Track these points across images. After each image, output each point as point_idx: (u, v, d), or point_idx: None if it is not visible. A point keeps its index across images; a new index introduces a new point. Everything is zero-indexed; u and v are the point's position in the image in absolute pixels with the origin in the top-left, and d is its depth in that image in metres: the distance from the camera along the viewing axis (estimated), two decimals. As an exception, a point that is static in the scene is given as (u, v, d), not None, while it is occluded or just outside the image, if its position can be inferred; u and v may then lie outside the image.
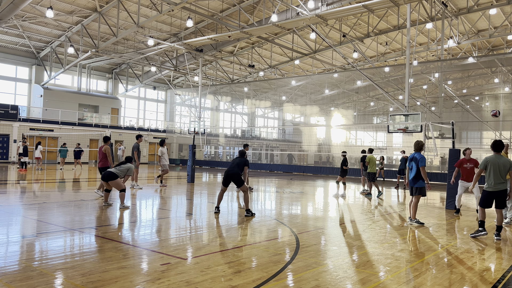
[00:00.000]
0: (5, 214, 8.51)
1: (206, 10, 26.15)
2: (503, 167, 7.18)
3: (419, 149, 8.75)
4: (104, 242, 6.34)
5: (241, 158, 9.77)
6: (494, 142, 7.33)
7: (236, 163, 9.59)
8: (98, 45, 27.25)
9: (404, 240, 7.32)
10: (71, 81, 35.58)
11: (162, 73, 37.27)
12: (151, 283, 4.45)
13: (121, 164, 10.01)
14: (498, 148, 7.30)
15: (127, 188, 12.00)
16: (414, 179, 8.65)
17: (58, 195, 12.13)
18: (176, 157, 40.41)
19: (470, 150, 10.49)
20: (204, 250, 6.00)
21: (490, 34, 26.86)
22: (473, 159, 10.39)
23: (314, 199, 13.94)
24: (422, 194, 8.70)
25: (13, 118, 29.31)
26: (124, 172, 9.87)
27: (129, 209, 9.68)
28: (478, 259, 6.09)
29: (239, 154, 9.96)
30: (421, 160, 8.52)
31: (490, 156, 7.32)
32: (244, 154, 10.15)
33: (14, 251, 5.70)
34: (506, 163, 7.23)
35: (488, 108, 32.56)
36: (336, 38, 31.19)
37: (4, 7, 21.77)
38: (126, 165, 9.99)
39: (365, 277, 4.95)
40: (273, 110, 47.50)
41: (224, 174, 9.52)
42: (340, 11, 19.56)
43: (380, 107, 41.79)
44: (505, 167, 7.19)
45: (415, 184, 8.67)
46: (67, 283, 4.39)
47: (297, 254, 5.88)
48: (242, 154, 9.95)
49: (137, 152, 14.66)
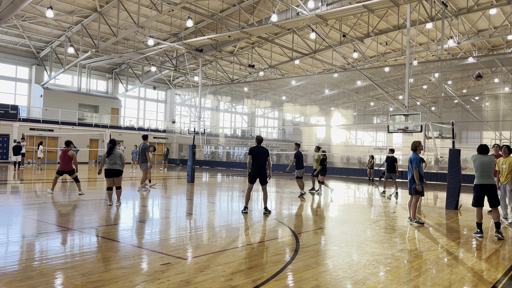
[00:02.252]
0: (5, 214, 8.51)
1: (206, 10, 26.15)
2: (488, 164, 7.72)
3: (414, 149, 8.86)
4: (104, 242, 6.34)
5: (263, 148, 9.35)
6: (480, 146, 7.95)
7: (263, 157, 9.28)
8: (98, 45, 27.25)
9: (404, 240, 7.32)
10: (71, 81, 35.59)
11: (162, 73, 37.27)
12: (151, 283, 4.45)
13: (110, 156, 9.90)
14: (483, 152, 7.88)
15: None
16: (412, 179, 8.76)
17: (59, 195, 12.14)
18: (176, 157, 40.41)
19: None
20: (204, 250, 6.00)
21: (490, 34, 26.86)
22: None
23: (314, 199, 13.93)
24: (420, 194, 8.77)
25: (13, 118, 29.31)
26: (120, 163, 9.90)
27: (126, 208, 9.68)
28: (478, 259, 6.09)
29: (258, 142, 9.41)
30: (414, 161, 8.62)
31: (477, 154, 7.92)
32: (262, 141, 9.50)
33: (14, 251, 5.70)
34: (491, 161, 7.79)
35: (488, 108, 32.57)
36: (336, 38, 31.19)
37: (4, 7, 21.76)
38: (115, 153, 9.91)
39: (365, 277, 4.95)
40: (273, 110, 47.50)
41: (256, 171, 9.26)
42: (340, 11, 19.56)
43: (380, 107, 41.79)
44: (490, 164, 7.74)
45: (412, 184, 8.78)
46: (67, 283, 4.39)
47: (297, 254, 5.88)
48: (261, 141, 9.46)
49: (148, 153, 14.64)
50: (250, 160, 9.34)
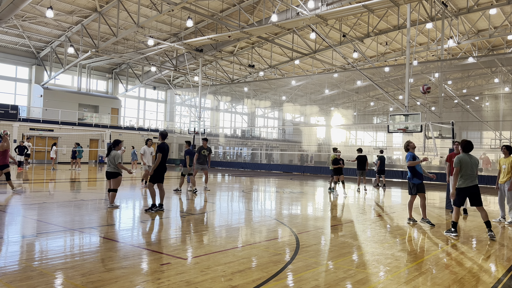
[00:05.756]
0: (5, 214, 8.51)
1: (206, 10, 26.16)
2: (474, 165, 7.54)
3: (406, 150, 9.07)
4: (104, 242, 6.34)
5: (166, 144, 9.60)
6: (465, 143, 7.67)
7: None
8: (98, 45, 27.25)
9: (404, 240, 7.32)
10: (71, 81, 35.59)
11: (162, 73, 37.27)
12: (151, 283, 4.45)
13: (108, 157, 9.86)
14: (468, 149, 7.67)
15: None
16: (411, 177, 8.91)
17: (60, 195, 12.13)
18: (176, 157, 40.42)
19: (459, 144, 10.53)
20: (204, 250, 6.00)
21: (490, 34, 26.86)
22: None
23: (314, 199, 13.94)
24: (421, 191, 8.81)
25: (13, 118, 29.31)
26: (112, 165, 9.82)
27: (126, 208, 9.68)
28: (478, 259, 6.09)
29: (162, 137, 9.57)
30: (406, 157, 8.90)
31: (461, 155, 7.63)
32: (166, 136, 9.79)
33: (14, 251, 5.70)
34: (476, 160, 7.63)
35: (488, 108, 32.58)
36: (336, 38, 31.19)
37: (4, 7, 21.77)
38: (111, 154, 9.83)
39: (365, 277, 4.95)
40: (273, 110, 47.52)
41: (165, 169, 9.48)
42: (340, 11, 19.56)
43: (380, 107, 41.82)
44: (475, 164, 7.58)
45: (412, 179, 8.90)
46: (67, 283, 4.39)
47: (297, 254, 5.88)
48: (165, 136, 9.69)
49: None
50: (159, 159, 9.29)
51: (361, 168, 17.01)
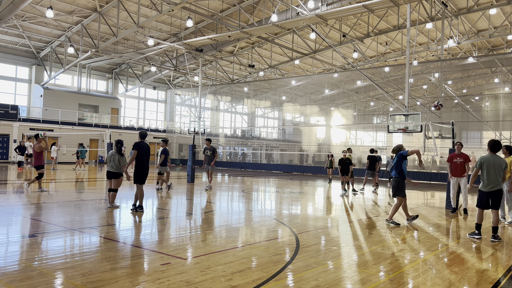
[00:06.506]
0: (5, 214, 8.51)
1: (206, 10, 26.15)
2: (498, 166, 7.10)
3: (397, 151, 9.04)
4: (104, 242, 6.34)
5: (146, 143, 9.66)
6: (493, 142, 7.22)
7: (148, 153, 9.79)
8: (98, 45, 27.25)
9: (404, 240, 7.32)
10: (71, 81, 35.58)
11: (162, 73, 37.27)
12: (151, 283, 4.45)
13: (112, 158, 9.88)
14: (495, 148, 7.21)
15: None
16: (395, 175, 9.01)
17: (61, 195, 12.13)
18: (176, 157, 40.42)
19: (460, 145, 10.53)
20: (204, 250, 6.01)
21: (490, 34, 26.85)
22: (463, 154, 10.50)
23: (314, 199, 13.94)
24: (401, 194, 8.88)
25: (13, 118, 29.31)
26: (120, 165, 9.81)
27: (127, 208, 9.67)
28: (478, 259, 6.09)
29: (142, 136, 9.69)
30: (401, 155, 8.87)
31: (486, 155, 7.22)
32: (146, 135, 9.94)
33: (14, 251, 5.70)
34: (502, 162, 7.16)
35: (488, 108, 32.58)
36: (336, 38, 31.18)
37: (4, 7, 21.76)
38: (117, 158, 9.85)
39: (365, 277, 4.95)
40: (273, 110, 47.52)
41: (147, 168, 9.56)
42: (340, 11, 19.56)
43: (380, 107, 41.82)
44: (500, 166, 7.12)
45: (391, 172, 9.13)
46: (67, 283, 4.39)
47: (297, 254, 5.88)
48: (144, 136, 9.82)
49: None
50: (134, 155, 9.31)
51: (370, 169, 16.87)
